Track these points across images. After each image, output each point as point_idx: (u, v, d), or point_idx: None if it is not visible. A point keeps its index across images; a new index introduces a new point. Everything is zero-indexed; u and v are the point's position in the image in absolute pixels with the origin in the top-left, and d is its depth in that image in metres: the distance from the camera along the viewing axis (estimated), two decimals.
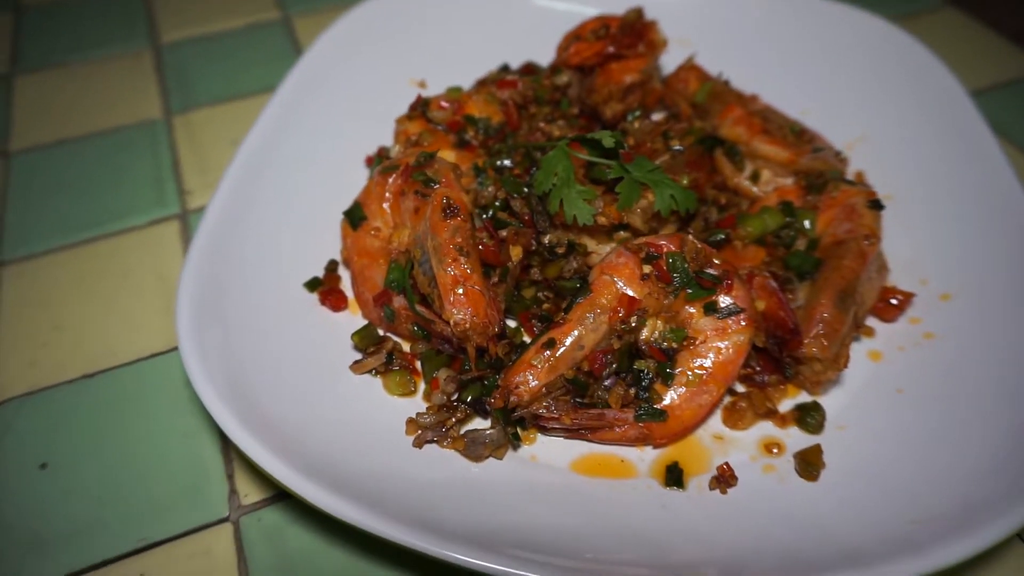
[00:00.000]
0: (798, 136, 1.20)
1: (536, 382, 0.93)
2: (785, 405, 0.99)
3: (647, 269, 0.97)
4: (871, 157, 1.29)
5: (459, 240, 0.99)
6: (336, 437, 0.90)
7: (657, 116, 1.37)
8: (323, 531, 0.90)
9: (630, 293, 0.95)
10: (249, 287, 1.04)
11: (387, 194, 1.10)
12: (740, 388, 1.01)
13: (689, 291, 0.96)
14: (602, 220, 1.04)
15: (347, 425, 0.93)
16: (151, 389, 1.05)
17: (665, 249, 0.97)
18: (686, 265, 0.96)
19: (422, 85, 1.44)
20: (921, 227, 1.17)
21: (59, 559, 0.89)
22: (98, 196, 1.33)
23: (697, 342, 0.95)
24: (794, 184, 1.14)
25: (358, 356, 1.02)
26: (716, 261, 0.98)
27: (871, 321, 1.08)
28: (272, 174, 1.19)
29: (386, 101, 1.32)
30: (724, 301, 0.96)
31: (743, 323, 0.96)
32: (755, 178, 1.19)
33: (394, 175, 1.09)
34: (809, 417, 0.96)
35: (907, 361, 1.02)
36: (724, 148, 1.20)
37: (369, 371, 1.01)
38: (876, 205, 1.06)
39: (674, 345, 0.96)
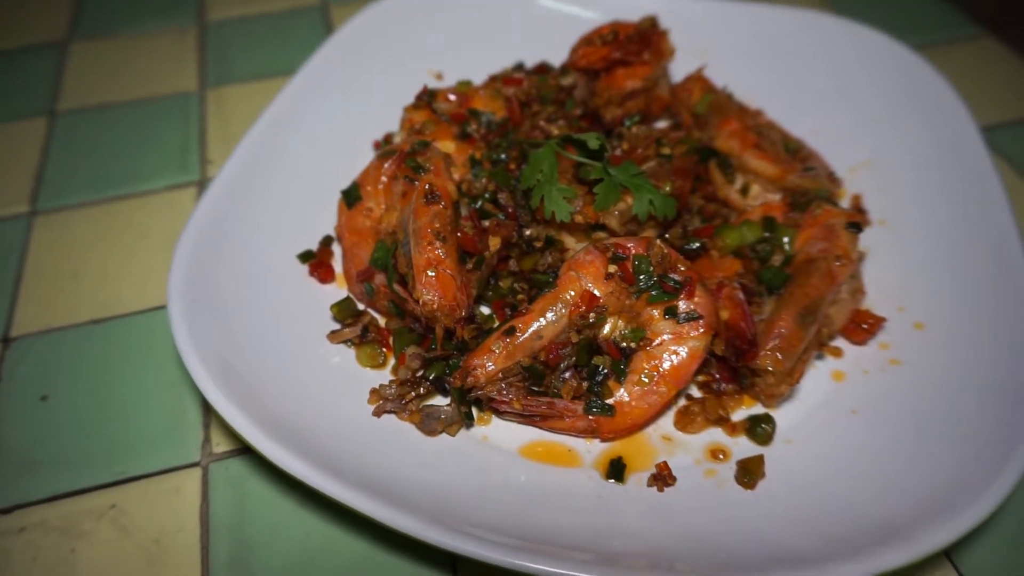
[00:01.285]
0: (792, 154, 1.21)
1: (493, 366, 0.97)
2: (740, 415, 1.01)
3: (612, 269, 1.00)
4: (873, 182, 1.29)
5: (437, 225, 1.04)
6: (302, 399, 0.96)
7: (662, 124, 1.39)
8: (279, 485, 0.97)
9: (593, 290, 0.99)
10: (246, 252, 1.11)
11: (383, 178, 1.16)
12: (697, 393, 1.04)
13: (651, 294, 0.98)
14: (579, 219, 1.07)
15: (315, 390, 0.99)
16: (148, 339, 1.14)
17: (632, 251, 1.00)
18: (650, 268, 0.99)
19: (439, 77, 1.49)
20: (909, 256, 1.17)
21: (47, 482, 0.98)
22: (128, 159, 1.43)
23: (654, 344, 0.98)
24: (781, 200, 1.15)
25: (337, 327, 1.08)
26: (681, 267, 1.00)
27: (842, 343, 1.08)
28: (284, 150, 1.26)
29: (403, 90, 1.37)
30: (685, 306, 0.98)
31: (701, 330, 0.98)
32: (745, 191, 1.20)
33: (390, 160, 1.15)
34: (759, 428, 0.97)
35: (868, 384, 1.02)
36: (717, 160, 1.22)
37: (345, 341, 1.07)
38: (854, 227, 1.07)
39: (632, 345, 0.99)
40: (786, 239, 1.09)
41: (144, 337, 1.14)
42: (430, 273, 1.01)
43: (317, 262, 1.16)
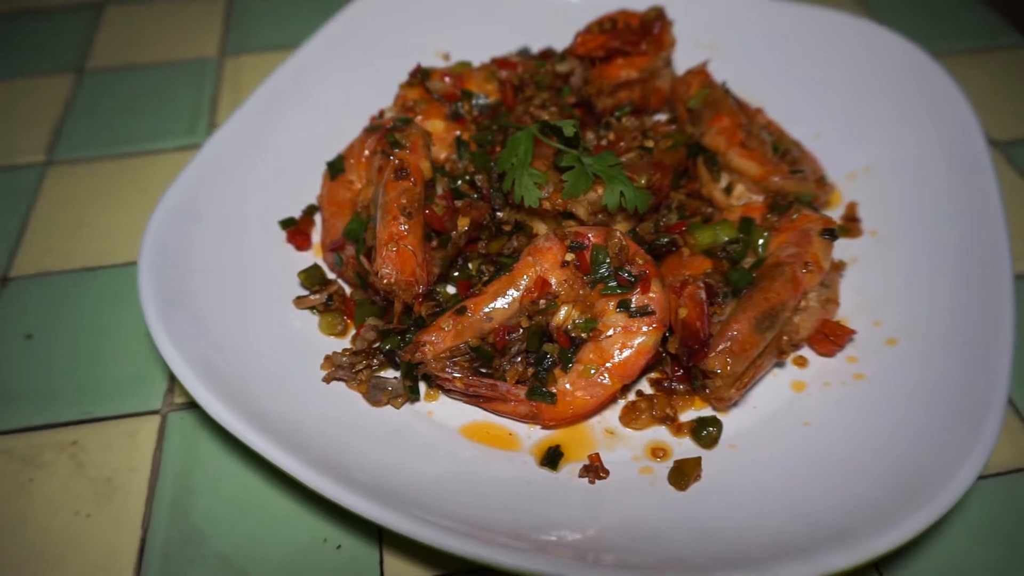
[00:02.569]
0: (781, 155, 1.17)
1: (442, 343, 0.98)
2: (690, 416, 0.99)
3: (569, 257, 0.99)
4: (871, 190, 1.24)
5: (404, 201, 1.05)
6: (256, 358, 0.99)
7: (661, 117, 1.37)
8: (225, 440, 1.00)
9: (547, 277, 0.99)
10: (227, 216, 1.15)
11: (365, 152, 1.18)
12: (649, 390, 1.02)
13: (605, 285, 0.98)
14: (547, 205, 1.07)
15: (271, 351, 1.02)
16: (132, 290, 1.18)
17: (591, 241, 0.99)
18: (607, 259, 0.98)
19: (446, 57, 1.50)
20: (895, 270, 1.12)
21: (18, 413, 1.04)
22: (143, 119, 1.49)
23: (604, 335, 0.97)
24: (763, 202, 1.12)
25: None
26: (640, 261, 0.99)
27: (809, 353, 1.05)
28: (280, 119, 1.29)
29: (406, 69, 1.39)
30: (638, 301, 0.97)
31: (654, 326, 0.97)
32: (729, 190, 1.17)
33: (374, 135, 1.17)
34: (705, 430, 0.96)
35: (826, 397, 0.99)
36: (705, 156, 1.19)
37: (310, 308, 1.10)
38: (829, 234, 1.03)
39: (583, 335, 0.98)
40: (760, 241, 1.06)
41: (128, 288, 1.19)
42: (392, 247, 1.02)
43: (296, 230, 1.19)
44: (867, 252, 1.16)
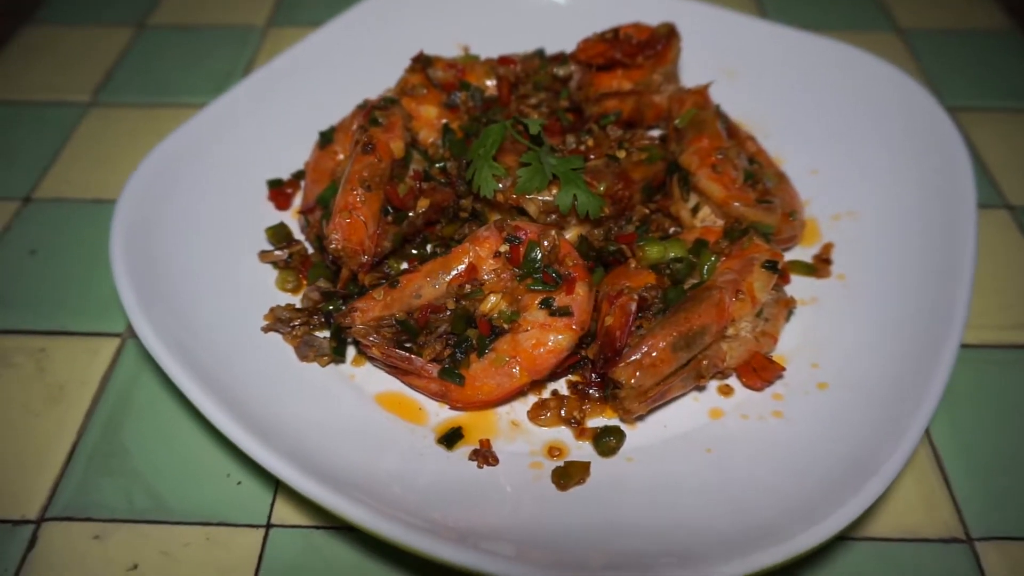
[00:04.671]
0: (753, 184, 1.15)
1: (371, 312, 1.03)
2: (599, 423, 1.00)
3: (503, 248, 1.02)
4: (850, 235, 1.20)
5: (366, 175, 1.10)
6: (204, 301, 1.06)
7: (655, 132, 1.37)
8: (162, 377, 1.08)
9: (479, 265, 1.02)
10: (218, 173, 1.22)
11: (354, 126, 1.24)
12: (565, 391, 1.03)
13: (531, 280, 1.00)
14: (500, 198, 1.10)
15: (222, 296, 1.08)
16: None
17: (527, 236, 1.02)
18: (537, 256, 1.00)
19: (466, 50, 1.55)
20: (848, 316, 1.09)
21: (6, 317, 1.16)
22: (182, 75, 1.62)
23: (522, 329, 0.99)
24: (723, 226, 1.11)
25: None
26: (570, 263, 1.01)
27: (738, 383, 1.04)
28: (288, 90, 1.37)
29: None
30: (560, 301, 0.99)
31: (573, 327, 0.98)
32: (696, 211, 1.17)
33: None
34: (606, 438, 0.96)
35: (738, 429, 0.97)
36: (680, 175, 1.19)
37: (271, 262, 1.17)
38: (771, 267, 1.01)
39: (504, 325, 1.01)
40: (708, 265, 1.05)
41: None
42: (345, 216, 1.08)
43: (279, 190, 1.27)
44: (829, 295, 1.13)
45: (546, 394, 1.03)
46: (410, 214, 1.13)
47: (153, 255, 1.06)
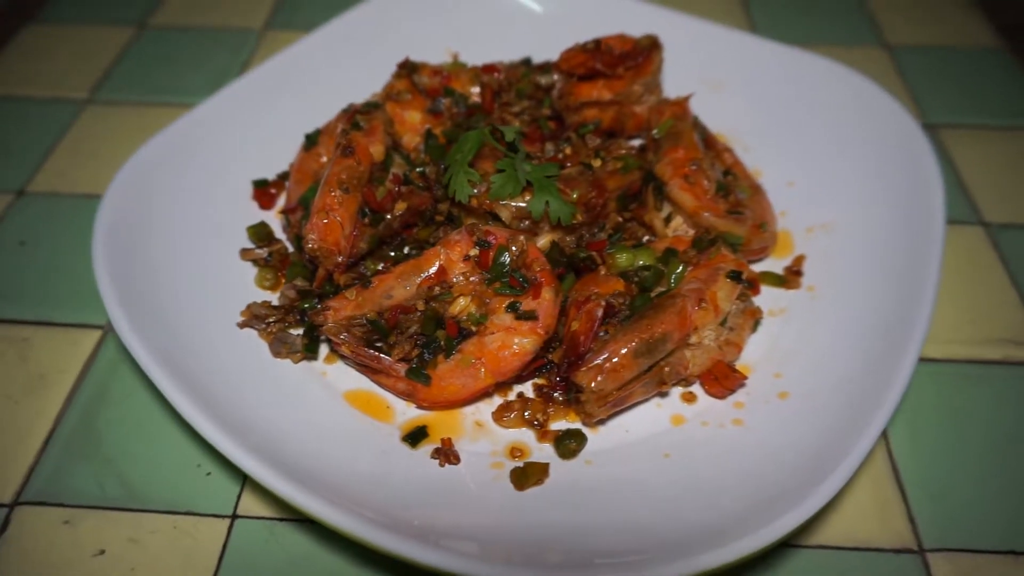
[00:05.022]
0: (725, 195, 1.17)
1: (343, 311, 1.05)
2: (562, 427, 1.02)
3: (473, 252, 1.04)
4: (822, 247, 1.21)
5: (344, 177, 1.13)
6: (182, 297, 1.08)
7: (636, 142, 1.39)
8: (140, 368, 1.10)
9: (448, 267, 1.04)
10: (204, 172, 1.25)
11: (337, 130, 1.27)
12: (531, 394, 1.05)
13: (499, 284, 1.02)
14: (474, 203, 1.12)
15: (200, 292, 1.11)
16: None
17: (496, 240, 1.04)
18: (506, 260, 1.02)
19: (455, 57, 1.57)
20: (815, 328, 1.10)
21: (4, 306, 1.20)
22: (178, 76, 1.65)
23: (488, 332, 1.01)
24: (693, 236, 1.13)
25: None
26: (537, 268, 1.03)
27: (701, 391, 1.05)
28: (279, 92, 1.40)
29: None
30: (526, 305, 1.01)
31: (538, 331, 1.00)
32: (668, 220, 1.19)
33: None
34: (566, 441, 0.98)
35: (698, 435, 0.99)
36: (654, 184, 1.21)
37: (252, 260, 1.20)
38: (735, 277, 1.03)
39: (472, 327, 1.03)
40: (676, 274, 1.07)
41: None
42: (322, 217, 1.10)
43: (263, 190, 1.29)
44: (797, 306, 1.15)
45: (512, 396, 1.05)
46: (387, 216, 1.16)
47: (135, 250, 1.09)
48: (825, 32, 1.79)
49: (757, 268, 1.21)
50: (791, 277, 1.18)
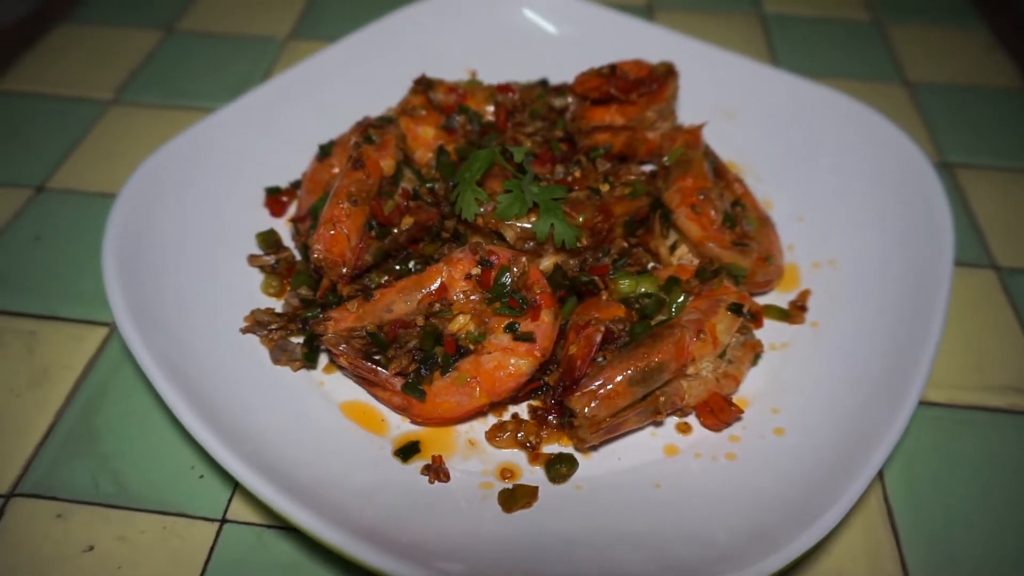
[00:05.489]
0: (730, 226, 1.17)
1: (344, 323, 1.06)
2: (555, 450, 1.02)
3: (475, 271, 1.05)
4: (828, 283, 1.21)
5: (354, 189, 1.14)
6: (190, 301, 1.09)
7: (648, 167, 1.39)
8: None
9: (450, 285, 1.04)
10: (215, 179, 1.27)
11: (351, 142, 1.29)
12: (526, 415, 1.05)
13: (498, 304, 1.02)
14: (480, 222, 1.13)
15: (206, 297, 1.12)
16: None
17: (499, 261, 1.04)
18: (506, 281, 1.03)
19: (473, 75, 1.59)
20: (817, 366, 1.09)
21: (6, 297, 1.22)
22: (200, 81, 1.68)
23: (486, 351, 1.02)
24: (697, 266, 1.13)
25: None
26: (537, 290, 1.03)
27: (697, 422, 1.05)
28: (297, 102, 1.42)
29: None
30: (524, 327, 1.01)
31: (535, 353, 1.00)
32: (674, 248, 1.19)
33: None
34: (558, 466, 0.98)
35: (690, 466, 0.98)
36: (662, 212, 1.21)
37: (259, 266, 1.21)
38: (736, 310, 1.02)
39: (470, 345, 1.03)
40: (678, 303, 1.07)
41: None
42: (329, 228, 1.12)
43: (275, 198, 1.31)
44: (800, 341, 1.14)
45: (507, 416, 1.05)
46: (394, 230, 1.17)
47: (145, 250, 1.11)
48: (845, 66, 1.79)
49: (762, 301, 1.21)
50: (795, 312, 1.17)
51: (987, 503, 1.00)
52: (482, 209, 1.12)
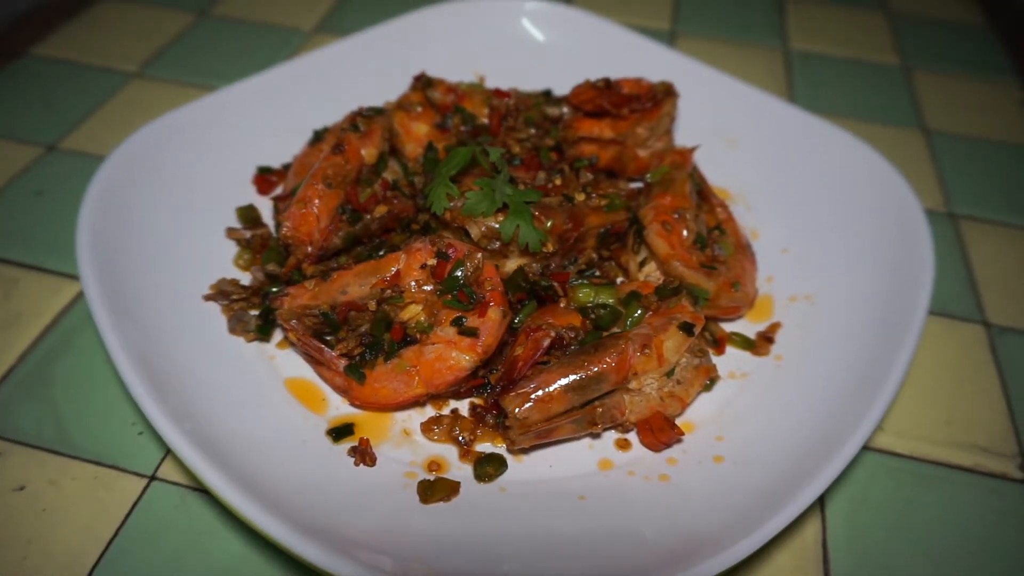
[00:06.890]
0: (700, 247, 1.15)
1: (299, 300, 1.07)
2: (488, 449, 1.00)
3: (430, 262, 1.05)
4: (800, 319, 1.17)
5: (330, 173, 1.16)
6: (161, 266, 1.12)
7: (637, 185, 1.38)
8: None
9: (404, 273, 1.05)
10: (210, 155, 1.30)
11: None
12: (465, 412, 1.04)
13: (448, 297, 1.02)
14: (447, 216, 1.13)
15: (176, 265, 1.15)
16: None
17: (455, 254, 1.04)
18: (458, 274, 1.03)
19: (482, 80, 1.61)
20: (770, 401, 1.06)
21: (3, 246, 1.28)
22: (221, 64, 1.74)
23: (430, 342, 1.01)
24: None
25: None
26: (488, 287, 1.02)
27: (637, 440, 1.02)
28: (303, 88, 1.46)
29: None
30: (471, 322, 1.00)
31: (477, 349, 1.00)
32: (642, 264, 1.17)
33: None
34: (486, 464, 0.97)
35: (619, 484, 0.96)
36: (637, 227, 1.20)
37: (235, 239, 1.24)
38: (686, 329, 1.00)
39: (417, 335, 1.03)
40: (634, 317, 1.05)
41: None
42: (301, 207, 1.14)
43: (264, 176, 1.34)
44: (760, 373, 1.11)
45: (446, 411, 1.04)
46: (366, 216, 1.18)
47: (126, 210, 1.15)
48: (862, 107, 1.75)
49: (730, 328, 1.18)
50: (761, 343, 1.14)
51: (929, 562, 0.95)
52: (451, 204, 1.13)
